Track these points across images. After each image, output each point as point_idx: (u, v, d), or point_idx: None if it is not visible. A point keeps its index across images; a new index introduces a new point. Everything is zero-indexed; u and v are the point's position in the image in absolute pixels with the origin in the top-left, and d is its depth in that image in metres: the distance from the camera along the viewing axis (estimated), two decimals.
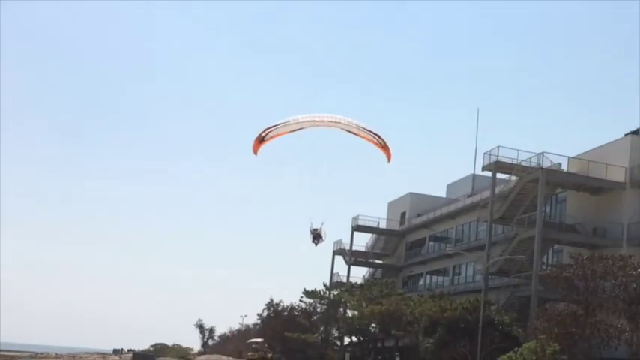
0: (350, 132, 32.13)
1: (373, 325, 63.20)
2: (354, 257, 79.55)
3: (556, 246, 55.55)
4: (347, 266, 79.26)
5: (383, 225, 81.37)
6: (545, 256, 55.70)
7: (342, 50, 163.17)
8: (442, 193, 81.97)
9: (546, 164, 54.21)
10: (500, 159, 55.80)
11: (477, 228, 66.50)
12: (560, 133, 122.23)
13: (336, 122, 31.86)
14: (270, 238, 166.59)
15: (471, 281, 66.01)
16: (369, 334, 65.27)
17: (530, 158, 55.09)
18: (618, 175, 52.39)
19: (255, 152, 32.45)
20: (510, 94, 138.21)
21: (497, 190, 57.45)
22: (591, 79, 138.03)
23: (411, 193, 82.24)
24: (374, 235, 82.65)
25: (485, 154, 57.20)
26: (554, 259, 55.63)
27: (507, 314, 48.73)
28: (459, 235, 70.95)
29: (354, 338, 68.23)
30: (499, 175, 57.97)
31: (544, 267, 52.46)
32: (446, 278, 72.13)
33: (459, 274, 69.68)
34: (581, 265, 41.11)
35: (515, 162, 55.67)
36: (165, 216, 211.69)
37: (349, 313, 67.43)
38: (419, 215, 78.96)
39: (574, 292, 41.63)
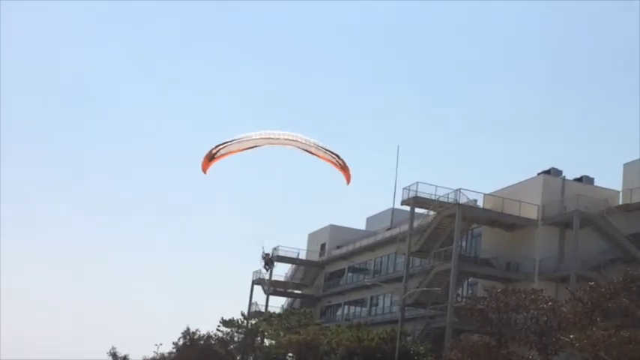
0: (307, 151, 30.47)
1: (290, 354, 63.15)
2: (272, 287, 79.78)
3: (471, 279, 57.02)
4: (265, 296, 79.50)
5: (303, 256, 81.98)
6: (461, 288, 57.16)
7: (261, 82, 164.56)
8: (362, 225, 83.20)
9: (463, 200, 55.61)
10: (419, 194, 57.02)
11: (395, 260, 67.73)
12: (476, 171, 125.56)
13: (293, 140, 30.27)
14: (189, 266, 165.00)
15: (388, 312, 66.99)
16: None
17: (447, 194, 56.45)
18: (531, 213, 54.18)
19: (205, 170, 30.27)
20: (429, 131, 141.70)
21: (415, 224, 58.51)
22: (506, 119, 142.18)
23: (332, 225, 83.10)
24: (293, 266, 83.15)
25: (404, 189, 58.42)
26: (469, 292, 57.11)
27: (423, 345, 49.57)
28: (378, 266, 72.08)
29: None
30: (418, 210, 59.05)
31: (459, 299, 53.65)
32: (363, 309, 73.01)
33: (377, 305, 70.69)
34: (495, 298, 41.88)
35: (433, 197, 56.88)
36: (80, 239, 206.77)
37: (266, 342, 67.39)
38: (338, 247, 79.82)
39: (488, 324, 42.38)
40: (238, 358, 70.33)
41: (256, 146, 29.95)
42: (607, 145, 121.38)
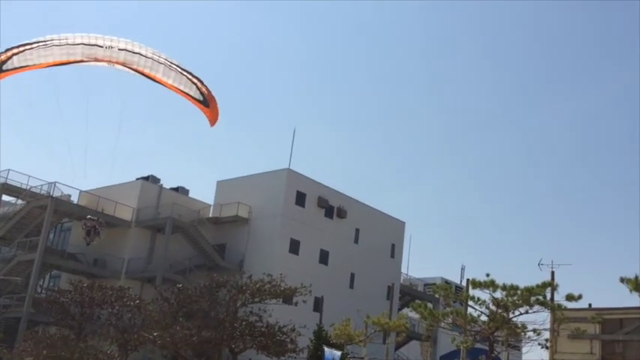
0: (150, 77, 20.61)
1: None
2: None
3: (55, 272, 55.81)
4: None
5: None
6: (42, 280, 55.62)
7: None
8: None
9: (57, 194, 54.58)
10: (9, 181, 54.62)
11: None
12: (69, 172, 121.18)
13: (133, 52, 20.42)
14: None
15: None
16: None
17: (41, 185, 54.92)
18: (126, 214, 54.89)
19: None
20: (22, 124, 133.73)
21: (2, 212, 55.98)
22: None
23: None
24: None
25: None
26: (51, 284, 55.77)
27: None
28: None
29: None
30: (5, 197, 56.56)
31: (40, 291, 52.22)
32: None
33: None
34: (79, 292, 41.83)
35: (25, 187, 54.93)
36: None
37: None
38: None
39: (69, 317, 42.13)
40: None
41: (76, 61, 19.79)
42: (204, 161, 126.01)
